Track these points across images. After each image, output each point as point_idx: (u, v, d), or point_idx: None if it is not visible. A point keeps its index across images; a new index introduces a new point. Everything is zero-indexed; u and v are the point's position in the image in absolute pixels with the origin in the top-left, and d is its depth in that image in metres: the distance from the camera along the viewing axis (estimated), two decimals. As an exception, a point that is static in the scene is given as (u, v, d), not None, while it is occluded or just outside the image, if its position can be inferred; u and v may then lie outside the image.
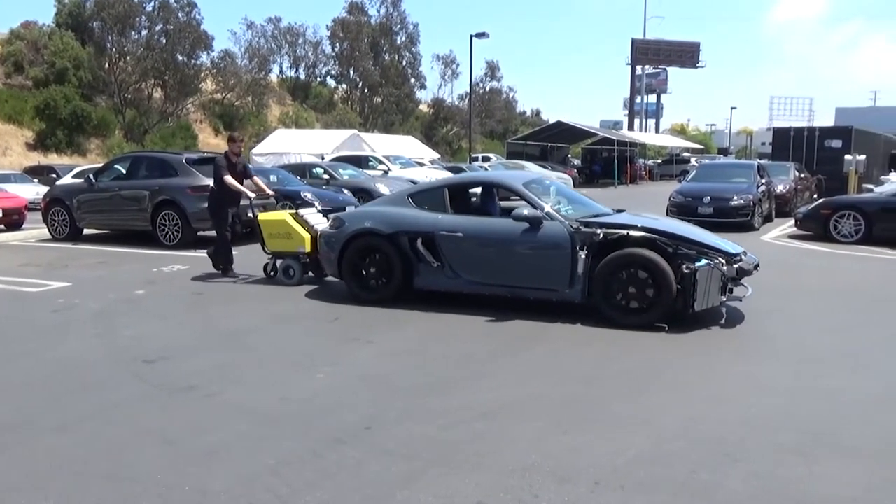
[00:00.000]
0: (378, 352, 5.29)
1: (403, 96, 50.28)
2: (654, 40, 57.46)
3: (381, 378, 4.63)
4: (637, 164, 40.40)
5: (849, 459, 3.39)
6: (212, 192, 8.48)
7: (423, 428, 3.76)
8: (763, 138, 59.63)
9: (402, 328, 6.00)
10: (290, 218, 7.84)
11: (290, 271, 7.85)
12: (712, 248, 5.93)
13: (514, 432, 3.70)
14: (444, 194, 6.83)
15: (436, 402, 4.16)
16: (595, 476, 3.19)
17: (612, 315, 5.84)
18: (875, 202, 12.00)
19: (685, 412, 3.98)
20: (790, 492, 3.06)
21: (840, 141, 23.88)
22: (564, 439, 3.61)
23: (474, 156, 36.08)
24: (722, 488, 3.09)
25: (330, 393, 4.33)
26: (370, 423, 3.82)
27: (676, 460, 3.35)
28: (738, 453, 3.43)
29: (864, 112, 65.06)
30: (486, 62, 57.72)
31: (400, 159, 22.56)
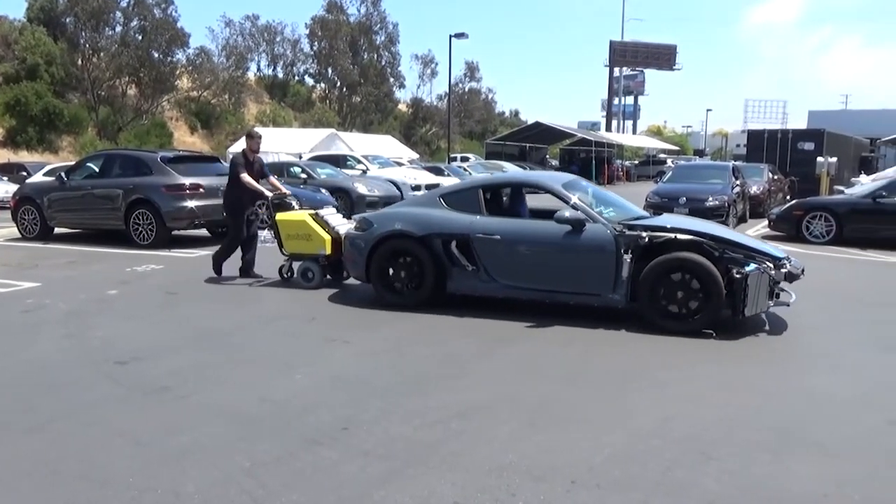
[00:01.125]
0: (355, 352, 5.26)
1: (382, 96, 50.20)
2: (631, 42, 58.06)
3: (359, 378, 4.61)
4: (614, 165, 40.75)
5: (820, 456, 3.44)
6: (228, 191, 8.19)
7: (400, 428, 3.74)
8: (738, 140, 60.49)
9: (379, 328, 5.97)
10: (310, 219, 7.58)
11: (308, 274, 7.59)
12: (759, 251, 5.82)
13: (490, 432, 3.70)
14: (478, 195, 6.59)
15: (413, 402, 4.15)
16: (571, 475, 3.20)
17: (658, 321, 5.66)
18: (845, 204, 12.23)
19: (661, 412, 4.02)
20: (763, 489, 3.10)
21: (812, 143, 24.33)
22: (541, 438, 3.62)
23: (453, 156, 36.11)
24: (696, 486, 3.12)
25: (306, 393, 4.30)
26: (347, 423, 3.80)
27: (652, 459, 3.38)
28: (713, 451, 3.47)
29: (836, 115, 66.25)
30: (465, 62, 57.94)
31: (378, 159, 22.49)
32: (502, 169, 28.24)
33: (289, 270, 7.86)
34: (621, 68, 59.44)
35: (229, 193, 8.11)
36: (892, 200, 11.55)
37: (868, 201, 11.77)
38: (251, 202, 8.12)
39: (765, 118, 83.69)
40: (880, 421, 3.91)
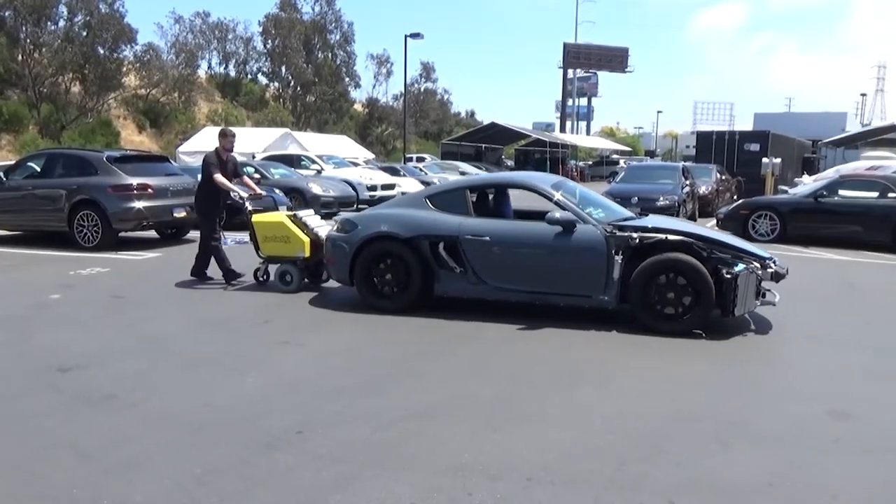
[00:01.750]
0: (309, 354, 5.20)
1: (337, 95, 49.73)
2: (584, 45, 58.96)
3: (313, 381, 4.55)
4: (569, 166, 41.32)
5: (765, 446, 3.56)
6: (199, 191, 7.92)
7: (356, 430, 3.71)
8: (687, 141, 62.07)
9: (333, 330, 5.91)
10: (288, 220, 7.38)
11: (287, 277, 7.36)
12: (746, 252, 5.87)
13: (446, 432, 3.70)
14: (465, 196, 6.50)
15: (368, 403, 4.12)
16: (527, 472, 3.23)
17: (649, 322, 5.67)
18: (789, 203, 12.68)
19: (613, 407, 4.09)
20: (710, 479, 3.19)
21: (758, 144, 25.13)
22: (496, 437, 3.64)
23: (409, 156, 36.05)
24: (648, 479, 3.18)
25: (259, 398, 4.22)
26: (301, 427, 3.75)
27: (605, 454, 3.43)
28: (663, 445, 3.54)
29: (780, 117, 68.58)
30: (421, 63, 57.87)
31: (333, 159, 22.25)
32: (458, 169, 28.28)
33: (264, 273, 7.62)
34: (575, 70, 60.28)
35: (201, 194, 7.85)
36: (833, 200, 12.02)
37: (810, 201, 12.21)
38: (225, 203, 7.86)
39: (713, 120, 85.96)
40: (820, 410, 4.06)
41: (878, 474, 3.27)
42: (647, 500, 2.99)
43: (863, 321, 6.32)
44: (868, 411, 4.07)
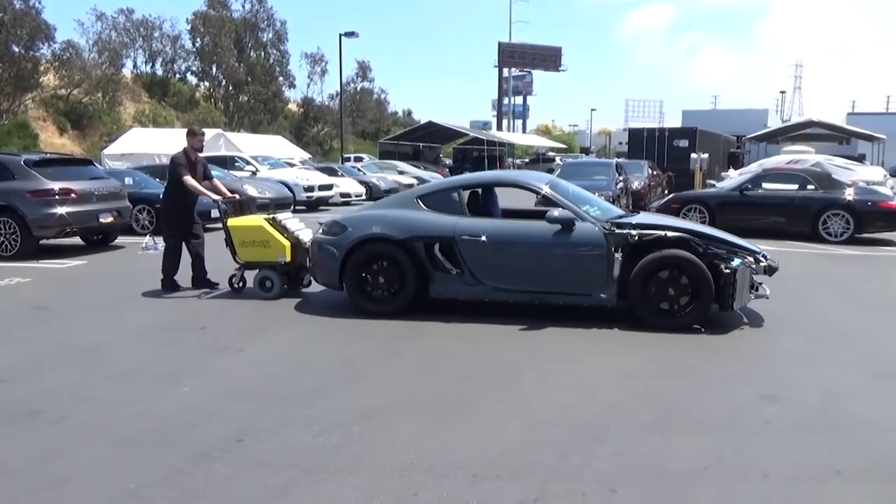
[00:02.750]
0: (249, 360, 5.07)
1: (271, 95, 48.73)
2: (519, 44, 59.74)
3: (253, 387, 4.44)
4: (506, 163, 41.79)
5: (700, 432, 3.69)
6: (166, 195, 7.51)
7: (299, 436, 3.64)
8: (620, 138, 63.76)
9: (274, 335, 5.79)
10: (267, 224, 7.06)
11: (267, 283, 7.04)
12: (740, 246, 5.92)
13: (391, 433, 3.67)
14: (459, 196, 6.39)
15: (311, 408, 4.05)
16: (472, 469, 3.24)
17: (650, 319, 5.68)
18: (716, 197, 13.20)
19: (556, 401, 4.15)
20: (650, 467, 3.28)
21: (686, 140, 26.06)
22: (442, 436, 3.64)
23: (346, 156, 35.69)
24: (590, 469, 3.24)
25: (196, 407, 4.09)
26: (241, 435, 3.65)
27: (548, 447, 3.48)
28: (604, 435, 3.62)
29: (707, 114, 71.31)
30: (356, 62, 57.37)
31: (269, 160, 21.78)
32: (397, 169, 28.19)
33: (240, 280, 7.30)
34: (510, 69, 61.05)
35: (168, 198, 7.43)
36: (757, 193, 12.58)
37: (736, 194, 12.73)
38: (192, 207, 7.46)
39: (644, 117, 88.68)
40: (751, 396, 4.23)
41: (806, 454, 3.43)
42: (590, 490, 3.04)
43: (792, 308, 6.61)
44: (796, 394, 4.27)
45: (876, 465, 3.29)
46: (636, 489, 3.07)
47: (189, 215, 7.40)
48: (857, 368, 4.83)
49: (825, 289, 6.21)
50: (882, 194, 12.69)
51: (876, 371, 4.78)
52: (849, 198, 11.86)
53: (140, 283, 7.61)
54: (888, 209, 11.78)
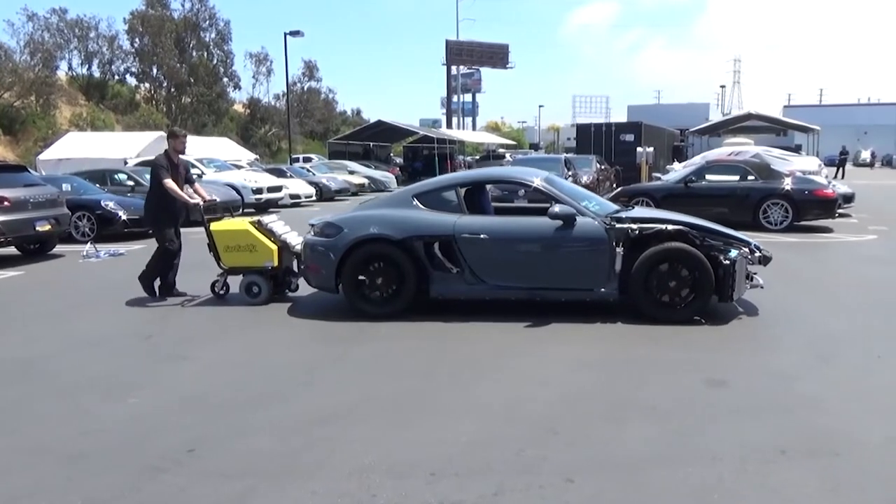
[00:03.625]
0: (200, 368, 4.95)
1: (215, 96, 47.61)
2: (466, 42, 59.81)
3: (205, 395, 4.33)
4: (457, 161, 41.82)
5: (653, 418, 3.77)
6: (149, 199, 7.20)
7: (254, 442, 3.57)
8: (568, 134, 64.68)
9: (224, 340, 5.67)
10: (253, 228, 6.84)
11: (254, 289, 6.82)
12: (735, 238, 6.00)
13: (349, 435, 3.64)
14: (457, 194, 6.32)
15: (266, 413, 3.98)
16: (431, 467, 3.23)
17: (652, 312, 5.73)
18: (662, 189, 13.52)
19: (511, 395, 4.19)
20: (605, 455, 3.34)
21: (632, 135, 26.64)
22: (400, 435, 3.62)
23: (295, 157, 35.19)
24: (547, 461, 3.28)
25: (145, 418, 3.97)
26: (194, 444, 3.56)
27: (505, 442, 3.51)
28: (559, 427, 3.67)
29: (651, 109, 73.07)
30: (303, 61, 56.56)
31: (214, 162, 21.31)
32: (347, 169, 27.94)
33: (223, 287, 7.06)
34: (458, 67, 61.11)
35: (151, 202, 7.16)
36: (701, 184, 12.94)
37: (681, 186, 13.07)
38: (179, 210, 7.19)
39: (591, 113, 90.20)
40: (700, 381, 4.35)
41: (753, 435, 3.54)
42: (548, 482, 3.08)
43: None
44: (742, 378, 4.41)
45: (819, 444, 3.42)
46: (592, 478, 3.12)
47: (176, 219, 7.18)
48: (800, 352, 5.02)
49: (767, 275, 6.43)
50: (817, 183, 13.23)
51: (817, 354, 4.98)
52: (787, 187, 12.32)
53: (82, 292, 7.35)
54: (823, 197, 12.29)
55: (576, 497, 2.96)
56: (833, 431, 3.57)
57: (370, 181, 26.94)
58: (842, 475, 3.11)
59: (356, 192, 24.81)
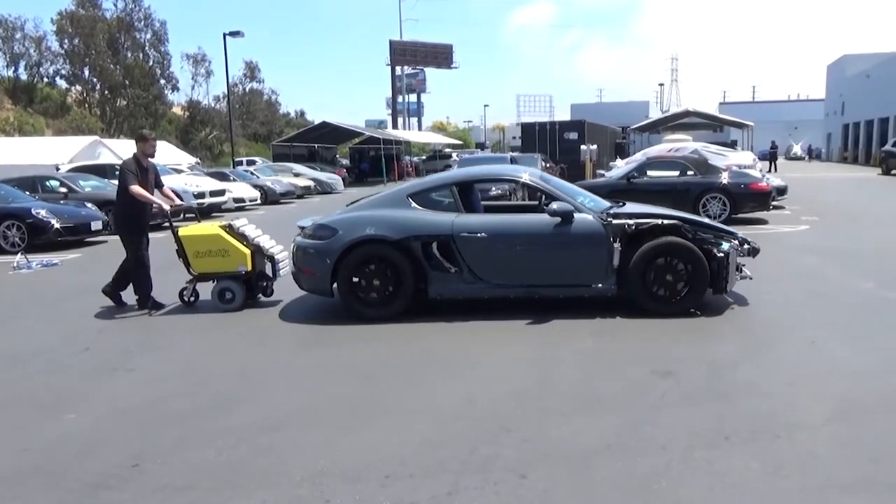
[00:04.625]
0: (142, 379, 4.77)
1: (152, 98, 46.19)
2: (410, 42, 59.76)
3: (148, 407, 4.19)
4: (404, 162, 41.78)
5: (601, 412, 3.83)
6: (117, 204, 6.85)
7: (201, 454, 3.47)
8: (513, 133, 65.31)
9: (166, 350, 5.49)
10: (224, 232, 6.61)
11: (227, 294, 6.60)
12: (725, 231, 6.11)
13: (300, 441, 3.58)
14: (453, 193, 6.25)
15: (213, 423, 3.87)
16: (385, 470, 3.21)
17: (650, 306, 5.80)
18: (606, 186, 13.75)
19: (462, 394, 4.19)
20: (557, 449, 3.37)
21: (576, 133, 27.13)
22: (353, 439, 3.58)
23: (238, 160, 34.47)
24: (500, 458, 3.30)
25: (85, 434, 3.80)
26: (138, 459, 3.43)
27: (458, 440, 3.51)
28: (511, 423, 3.69)
29: (593, 107, 74.50)
30: (244, 62, 55.51)
31: (154, 166, 20.66)
32: (292, 171, 27.52)
33: (192, 294, 6.79)
34: (403, 67, 61.00)
35: (119, 209, 6.83)
36: (643, 180, 13.25)
37: (624, 182, 13.35)
38: (147, 216, 6.85)
39: (535, 111, 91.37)
40: (646, 373, 4.45)
41: (698, 423, 3.64)
42: (501, 478, 3.09)
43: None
44: (686, 368, 4.53)
45: (761, 428, 3.54)
46: (545, 472, 3.15)
47: (145, 226, 6.88)
48: (739, 340, 5.19)
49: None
50: (753, 177, 13.72)
51: (755, 342, 5.15)
52: (724, 181, 12.74)
53: (13, 305, 7.00)
54: (759, 191, 12.76)
55: (529, 492, 2.98)
56: (773, 416, 3.70)
57: (316, 183, 26.61)
58: (783, 457, 3.22)
59: (302, 194, 24.47)
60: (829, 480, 2.99)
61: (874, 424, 3.57)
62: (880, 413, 3.71)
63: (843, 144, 50.77)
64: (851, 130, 48.18)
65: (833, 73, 55.31)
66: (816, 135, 62.61)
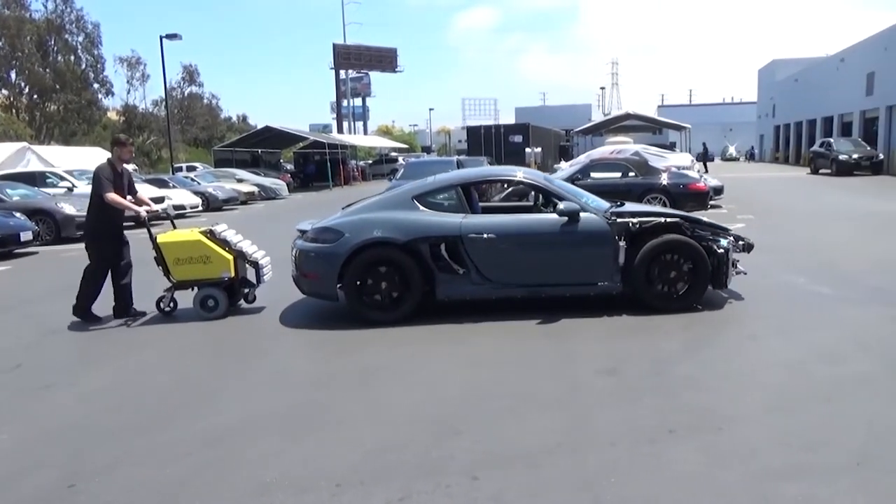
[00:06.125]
0: (78, 395, 4.57)
1: (85, 103, 44.48)
2: (354, 46, 59.38)
3: (85, 424, 4.01)
4: (350, 166, 41.47)
5: (550, 411, 3.87)
6: (90, 211, 6.48)
7: (140, 471, 3.34)
8: (459, 136, 65.74)
9: (103, 365, 5.28)
10: (205, 238, 6.40)
11: (210, 302, 6.39)
12: (720, 227, 6.26)
13: (246, 453, 3.49)
14: (458, 194, 6.24)
15: (153, 439, 3.74)
16: (335, 478, 3.16)
17: (654, 303, 5.91)
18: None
19: (411, 398, 4.17)
20: (508, 449, 3.38)
21: (521, 136, 27.51)
22: (301, 449, 3.51)
23: (178, 165, 33.55)
24: (452, 460, 3.29)
25: (17, 455, 3.62)
26: (73, 479, 3.28)
27: (409, 445, 3.49)
28: (461, 425, 3.69)
29: (537, 110, 75.67)
30: (182, 66, 54.01)
31: (87, 174, 19.84)
32: (235, 176, 26.93)
33: (170, 302, 6.53)
34: (347, 71, 60.56)
35: (92, 215, 6.47)
36: (587, 182, 13.47)
37: (568, 184, 13.58)
38: (120, 225, 6.57)
39: (480, 115, 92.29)
40: (588, 371, 4.53)
41: (643, 418, 3.72)
42: (454, 481, 3.09)
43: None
44: (629, 365, 4.62)
45: (703, 421, 3.65)
46: (496, 473, 3.16)
47: (119, 234, 6.58)
48: (680, 337, 5.33)
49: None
50: (691, 178, 14.18)
51: (695, 337, 5.31)
52: (664, 182, 13.13)
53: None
54: (697, 191, 13.21)
55: (482, 494, 2.98)
56: (714, 408, 3.82)
57: (260, 189, 26.12)
58: (724, 448, 3.33)
59: (246, 200, 23.98)
60: (768, 469, 3.10)
61: (807, 414, 3.72)
62: (813, 403, 3.87)
63: (774, 145, 52.97)
64: (782, 132, 50.32)
65: (764, 78, 57.68)
66: (750, 136, 65.14)
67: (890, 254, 8.61)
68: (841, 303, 6.16)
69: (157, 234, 6.51)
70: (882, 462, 3.13)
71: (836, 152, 27.52)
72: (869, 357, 4.62)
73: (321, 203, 23.16)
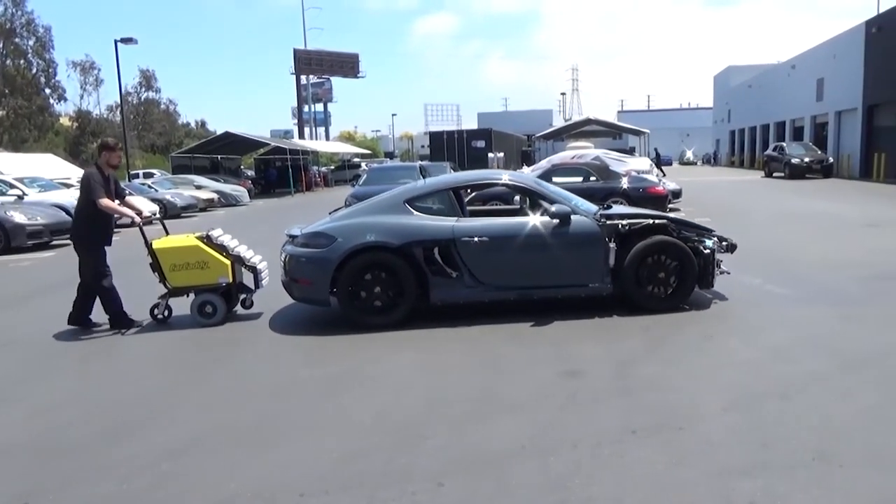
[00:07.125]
0: (31, 410, 4.42)
1: (36, 108, 43.29)
2: (315, 51, 58.93)
3: (38, 441, 3.88)
4: (311, 172, 41.11)
5: (514, 415, 3.89)
6: (79, 217, 6.26)
7: (99, 487, 3.25)
8: (422, 141, 65.76)
9: (59, 375, 5.13)
10: (202, 243, 6.25)
11: (208, 308, 6.25)
12: (704, 228, 6.38)
13: (208, 465, 3.42)
14: (451, 197, 6.27)
15: (111, 452, 3.64)
16: (299, 488, 3.12)
17: (642, 302, 6.00)
18: (513, 192, 14.09)
19: (375, 405, 4.15)
20: (473, 454, 3.39)
21: (483, 141, 27.69)
22: (265, 458, 3.46)
23: (134, 172, 32.82)
24: (417, 467, 3.28)
25: (-36, 474, 3.48)
26: (27, 497, 3.18)
27: (374, 452, 3.46)
28: (426, 431, 3.69)
29: (499, 116, 76.24)
30: (139, 71, 53.01)
31: (38, 181, 19.26)
32: (194, 183, 26.44)
33: (165, 309, 6.36)
34: (308, 76, 60.07)
35: (82, 220, 6.25)
36: (547, 186, 13.66)
37: (530, 188, 13.69)
38: (110, 231, 6.35)
39: (443, 120, 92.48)
40: (554, 374, 4.57)
41: (606, 419, 3.77)
42: (419, 488, 3.08)
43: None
44: (593, 368, 4.68)
45: (663, 421, 3.71)
46: (462, 478, 3.16)
47: (109, 237, 6.37)
48: (640, 338, 5.42)
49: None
50: (650, 182, 14.43)
51: (654, 339, 5.40)
52: (625, 186, 13.35)
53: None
54: (656, 194, 13.45)
55: (447, 500, 2.98)
56: (675, 408, 3.88)
57: (220, 196, 25.68)
58: (685, 447, 3.39)
59: (205, 207, 23.56)
60: (727, 466, 3.17)
61: (763, 411, 3.81)
62: (769, 401, 3.97)
63: (730, 150, 54.37)
64: (738, 136, 51.70)
65: (719, 83, 59.20)
66: (707, 141, 66.72)
67: (839, 253, 8.91)
68: (794, 302, 6.34)
69: (152, 240, 6.38)
70: (836, 457, 3.23)
71: (788, 156, 28.39)
72: (821, 355, 4.76)
73: (284, 209, 22.90)
